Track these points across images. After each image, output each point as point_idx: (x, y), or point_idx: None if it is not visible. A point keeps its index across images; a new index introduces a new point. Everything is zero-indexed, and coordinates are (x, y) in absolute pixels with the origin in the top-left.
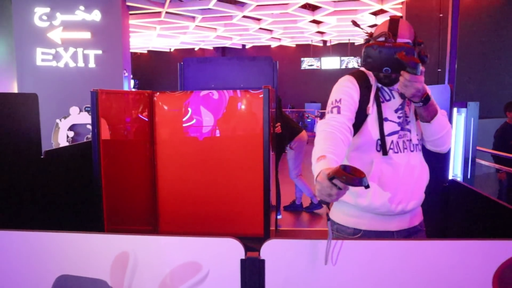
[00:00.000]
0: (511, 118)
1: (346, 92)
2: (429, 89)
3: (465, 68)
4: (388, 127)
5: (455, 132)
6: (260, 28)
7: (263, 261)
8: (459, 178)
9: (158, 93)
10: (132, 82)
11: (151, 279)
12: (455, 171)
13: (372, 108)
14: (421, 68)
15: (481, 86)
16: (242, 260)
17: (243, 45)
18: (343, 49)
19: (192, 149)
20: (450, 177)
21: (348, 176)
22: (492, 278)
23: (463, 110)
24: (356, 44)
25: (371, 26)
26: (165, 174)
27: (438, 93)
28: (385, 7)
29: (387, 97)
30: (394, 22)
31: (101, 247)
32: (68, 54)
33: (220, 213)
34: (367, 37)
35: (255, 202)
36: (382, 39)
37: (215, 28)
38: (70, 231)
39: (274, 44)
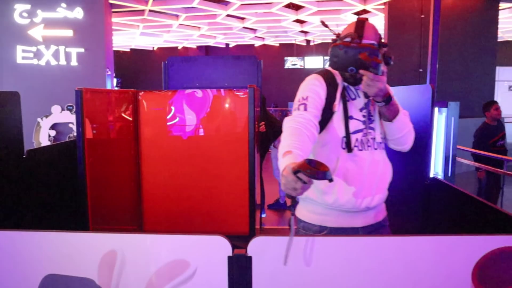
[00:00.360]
0: (489, 118)
1: (312, 90)
2: (392, 90)
3: (446, 68)
4: (353, 125)
5: (436, 131)
6: (244, 27)
7: (250, 258)
8: (440, 176)
9: (142, 92)
10: (114, 80)
11: (139, 277)
12: (436, 169)
13: (338, 106)
14: (382, 68)
15: (461, 86)
16: (229, 257)
17: (227, 44)
18: (327, 48)
19: (176, 148)
20: (431, 176)
21: (312, 170)
22: (471, 273)
23: (444, 109)
24: None
25: None
26: (150, 173)
27: (419, 93)
28: (368, 7)
29: (353, 96)
30: (360, 23)
31: (88, 246)
32: (49, 52)
33: (205, 211)
34: (335, 37)
35: (240, 200)
36: (348, 39)
37: (199, 27)
38: (57, 230)
39: (257, 43)
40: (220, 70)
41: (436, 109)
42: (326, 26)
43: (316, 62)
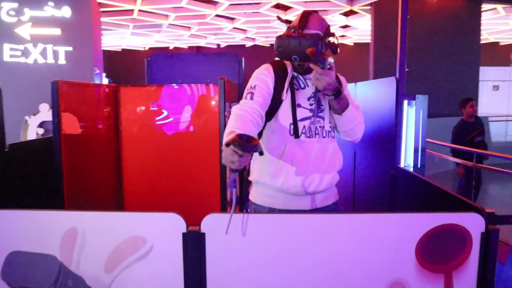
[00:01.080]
0: (466, 115)
1: (261, 79)
2: (346, 84)
3: (430, 68)
4: (301, 113)
5: (406, 124)
6: (234, 28)
7: (203, 234)
8: (411, 168)
9: (122, 87)
10: (106, 80)
11: (99, 253)
12: (407, 161)
13: (286, 95)
14: (329, 62)
15: (446, 86)
16: (183, 234)
17: (218, 45)
18: None
19: (157, 143)
20: (402, 167)
21: (242, 142)
22: (414, 249)
23: (413, 102)
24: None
25: (343, 27)
26: (131, 167)
27: (385, 85)
28: (354, 8)
29: (302, 85)
30: (305, 15)
31: (50, 223)
32: (37, 50)
33: (184, 205)
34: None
35: (213, 194)
36: (292, 30)
37: (189, 27)
38: (20, 208)
39: (248, 43)
40: (202, 67)
41: (405, 102)
42: (281, 20)
43: None
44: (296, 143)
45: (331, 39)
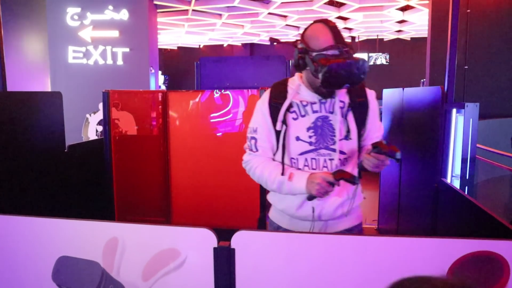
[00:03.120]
0: None
1: (259, 119)
2: (374, 101)
3: (487, 64)
4: (300, 147)
5: (454, 133)
6: (287, 25)
7: (233, 250)
8: (458, 178)
9: (170, 92)
10: (162, 78)
11: (137, 262)
12: (456, 171)
13: (279, 125)
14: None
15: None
16: (214, 248)
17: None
18: (372, 45)
19: (204, 145)
20: (449, 177)
21: (348, 174)
22: (446, 273)
23: (462, 110)
24: (384, 40)
25: (399, 22)
26: (179, 169)
27: (431, 95)
28: (411, 2)
29: (302, 113)
30: (335, 30)
31: (94, 232)
32: (97, 52)
33: (228, 206)
34: (300, 44)
35: (252, 197)
36: (335, 52)
37: (242, 25)
38: (68, 218)
39: None
40: (250, 70)
41: (454, 110)
42: (274, 41)
43: None
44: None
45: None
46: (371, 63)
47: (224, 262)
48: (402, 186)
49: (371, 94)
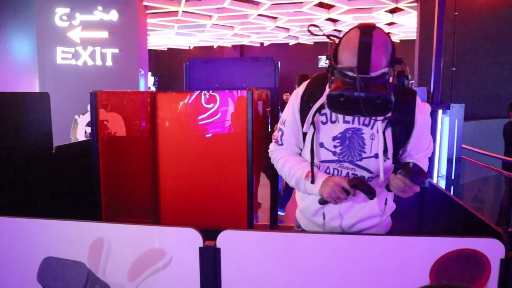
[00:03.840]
0: None
1: (290, 112)
2: (429, 119)
3: (475, 67)
4: (323, 154)
5: (440, 133)
6: (277, 27)
7: (219, 249)
8: (444, 179)
9: (158, 93)
10: (152, 79)
11: (123, 262)
12: (441, 171)
13: (307, 127)
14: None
15: (489, 86)
16: (200, 248)
17: (261, 43)
18: None
19: (192, 146)
20: (435, 178)
21: (365, 184)
22: (429, 272)
23: (448, 111)
24: None
25: (388, 24)
26: (167, 170)
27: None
28: (400, 5)
29: (333, 119)
30: (365, 48)
31: (80, 233)
32: (86, 52)
33: (216, 207)
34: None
35: (241, 197)
36: (350, 74)
37: (232, 27)
38: (54, 218)
39: (291, 42)
40: (238, 72)
41: (440, 111)
42: (326, 35)
43: None
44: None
45: (400, 65)
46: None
47: (210, 261)
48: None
49: (421, 110)
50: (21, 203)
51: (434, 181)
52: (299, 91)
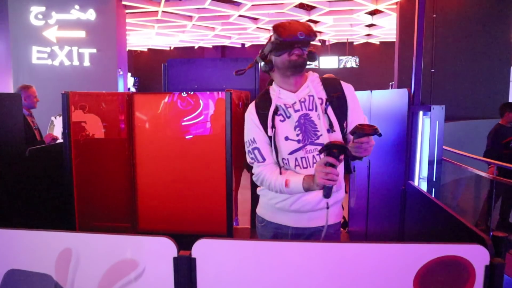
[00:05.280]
0: (505, 120)
1: (254, 129)
2: (353, 94)
3: (456, 68)
4: (289, 146)
5: (422, 135)
6: (258, 28)
7: (194, 259)
8: (425, 181)
9: (136, 94)
10: (132, 80)
11: (92, 274)
12: (423, 173)
13: (270, 131)
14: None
15: (472, 87)
16: (174, 258)
17: (243, 44)
18: (342, 48)
19: (170, 148)
20: (416, 180)
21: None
22: (413, 280)
23: (429, 113)
24: (354, 43)
25: (368, 26)
26: (144, 172)
27: (397, 97)
28: (379, 7)
29: (288, 115)
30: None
31: (46, 243)
32: (63, 52)
33: (195, 211)
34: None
35: (220, 201)
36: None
37: (213, 27)
38: (18, 228)
39: None
40: (218, 73)
41: (420, 112)
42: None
43: (331, 62)
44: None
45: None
46: (342, 66)
47: (185, 272)
48: (371, 189)
49: (347, 87)
50: None
51: (416, 183)
52: (251, 110)
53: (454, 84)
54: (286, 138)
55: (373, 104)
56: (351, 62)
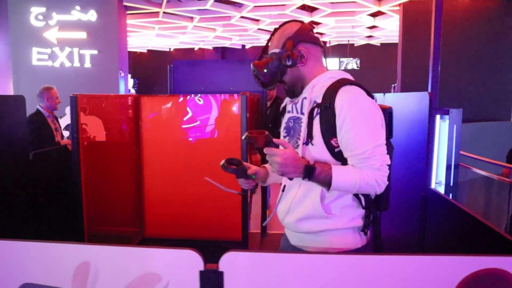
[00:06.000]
0: None
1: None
2: (345, 105)
3: (462, 71)
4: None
5: (438, 139)
6: (259, 29)
7: (221, 273)
8: (443, 184)
9: (142, 96)
10: (131, 81)
11: None
12: (439, 177)
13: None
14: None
15: (479, 90)
16: (201, 272)
17: (243, 46)
18: (343, 50)
19: (178, 152)
20: (433, 184)
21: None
22: None
23: (446, 116)
24: (355, 45)
25: (370, 28)
26: (152, 177)
27: (417, 100)
28: (382, 8)
29: (284, 113)
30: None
31: (63, 256)
32: (64, 54)
33: (204, 216)
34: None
35: (234, 206)
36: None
37: (214, 29)
38: (33, 240)
39: None
40: (225, 74)
41: (438, 116)
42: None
43: (332, 63)
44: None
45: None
46: (343, 67)
47: (212, 287)
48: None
49: (341, 97)
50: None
51: (432, 187)
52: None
53: (458, 89)
54: (279, 135)
55: None
56: (352, 63)
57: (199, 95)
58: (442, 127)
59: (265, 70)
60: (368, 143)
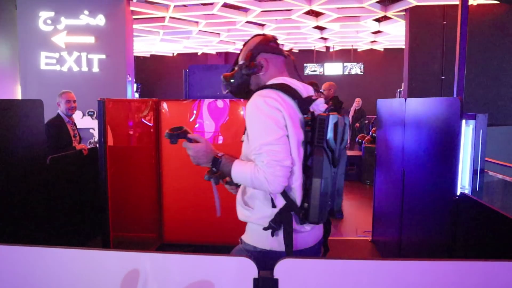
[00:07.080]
0: None
1: None
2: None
3: (476, 74)
4: None
5: (464, 144)
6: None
7: (276, 280)
8: (467, 190)
9: (164, 101)
10: (134, 86)
11: None
12: (463, 182)
13: None
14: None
15: (493, 93)
16: (255, 279)
17: None
18: (346, 55)
19: None
20: (458, 190)
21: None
22: None
23: (472, 121)
24: (359, 50)
25: (374, 33)
26: (170, 182)
27: (446, 105)
28: (388, 14)
29: None
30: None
31: (111, 263)
32: (72, 58)
33: (223, 221)
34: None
35: None
36: None
37: (219, 33)
38: (81, 247)
39: None
40: None
41: (463, 121)
42: None
43: (335, 68)
44: None
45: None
46: (346, 72)
47: None
48: (406, 197)
49: (249, 102)
50: (19, 220)
51: (457, 193)
52: None
53: (464, 91)
54: None
55: (409, 112)
56: (356, 68)
57: (218, 100)
58: (467, 132)
59: (231, 80)
60: (257, 141)
